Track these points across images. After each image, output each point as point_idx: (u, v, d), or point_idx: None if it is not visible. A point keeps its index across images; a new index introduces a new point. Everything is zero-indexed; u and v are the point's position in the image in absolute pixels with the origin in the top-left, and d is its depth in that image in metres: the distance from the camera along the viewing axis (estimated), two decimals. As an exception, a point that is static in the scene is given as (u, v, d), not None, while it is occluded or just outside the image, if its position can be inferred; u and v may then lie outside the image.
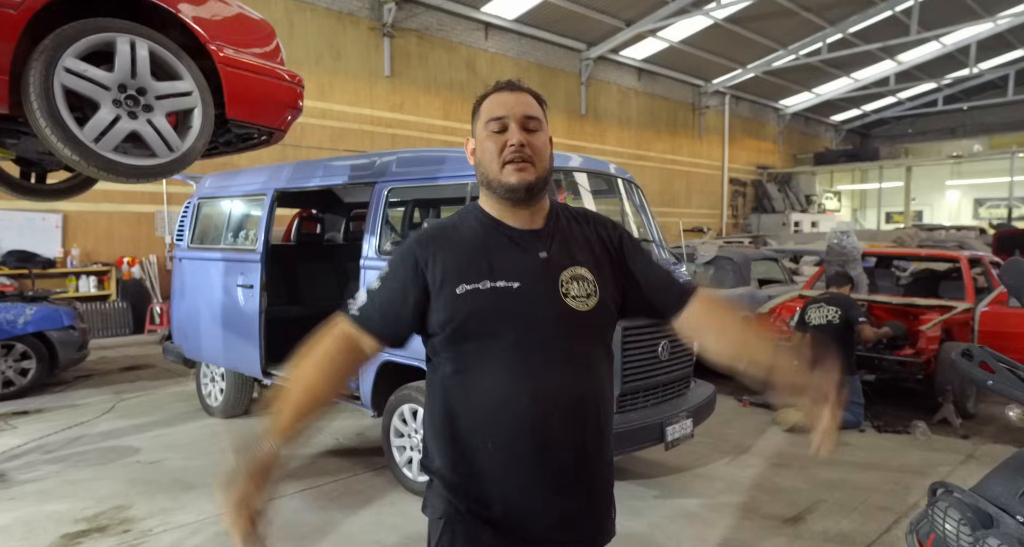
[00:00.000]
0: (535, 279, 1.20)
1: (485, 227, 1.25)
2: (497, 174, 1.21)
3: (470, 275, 1.19)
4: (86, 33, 2.20)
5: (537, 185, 1.22)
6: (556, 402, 1.18)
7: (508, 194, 1.21)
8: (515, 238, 1.24)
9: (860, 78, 19.51)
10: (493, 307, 1.17)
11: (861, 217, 25.48)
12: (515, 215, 1.25)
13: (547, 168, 1.24)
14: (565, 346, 1.20)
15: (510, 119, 1.21)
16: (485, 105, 1.25)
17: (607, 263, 1.29)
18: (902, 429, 4.56)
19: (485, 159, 1.23)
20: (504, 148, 1.20)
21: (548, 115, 1.30)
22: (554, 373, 1.19)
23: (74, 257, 8.47)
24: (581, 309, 1.21)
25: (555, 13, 12.98)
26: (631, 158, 16.26)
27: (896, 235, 12.55)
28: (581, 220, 1.33)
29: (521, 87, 1.26)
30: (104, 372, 6.48)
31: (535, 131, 1.23)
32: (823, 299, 4.92)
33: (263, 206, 4.39)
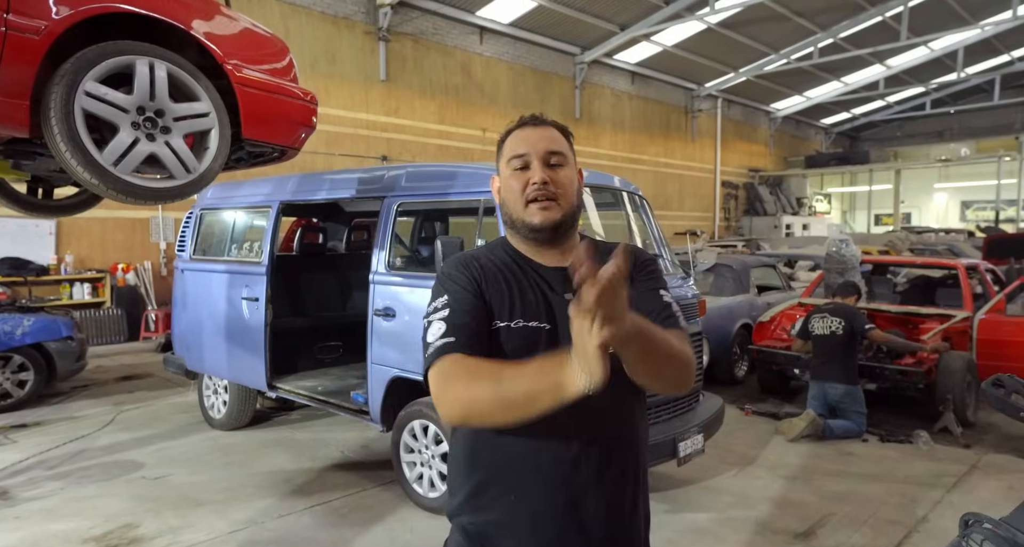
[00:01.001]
0: (564, 320, 1.05)
1: (515, 262, 1.21)
2: (521, 213, 1.17)
3: (503, 310, 1.15)
4: (106, 56, 2.18)
5: (564, 223, 1.17)
6: (588, 452, 1.12)
7: (533, 234, 1.17)
8: (545, 276, 1.19)
9: (850, 82, 19.74)
10: (523, 347, 1.12)
11: (851, 219, 25.75)
12: (543, 254, 1.21)
13: (574, 204, 1.19)
14: (597, 395, 1.13)
15: (532, 156, 1.17)
16: (508, 142, 1.22)
17: (646, 299, 1.23)
18: (904, 438, 4.61)
19: (509, 198, 1.19)
20: (527, 186, 1.16)
21: None
22: (585, 420, 1.11)
23: (68, 264, 8.37)
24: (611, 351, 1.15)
25: (550, 17, 13.01)
26: (625, 161, 16.33)
27: (887, 239, 12.73)
28: (607, 253, 1.28)
29: (544, 121, 1.22)
30: (102, 382, 6.41)
31: (559, 166, 1.18)
32: (827, 309, 4.96)
33: (268, 218, 4.36)
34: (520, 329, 1.13)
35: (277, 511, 3.41)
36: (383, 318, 3.60)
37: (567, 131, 1.24)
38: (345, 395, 4.01)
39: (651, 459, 3.17)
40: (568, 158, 1.20)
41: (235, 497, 3.59)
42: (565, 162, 1.19)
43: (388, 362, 3.55)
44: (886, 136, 25.56)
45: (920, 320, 5.35)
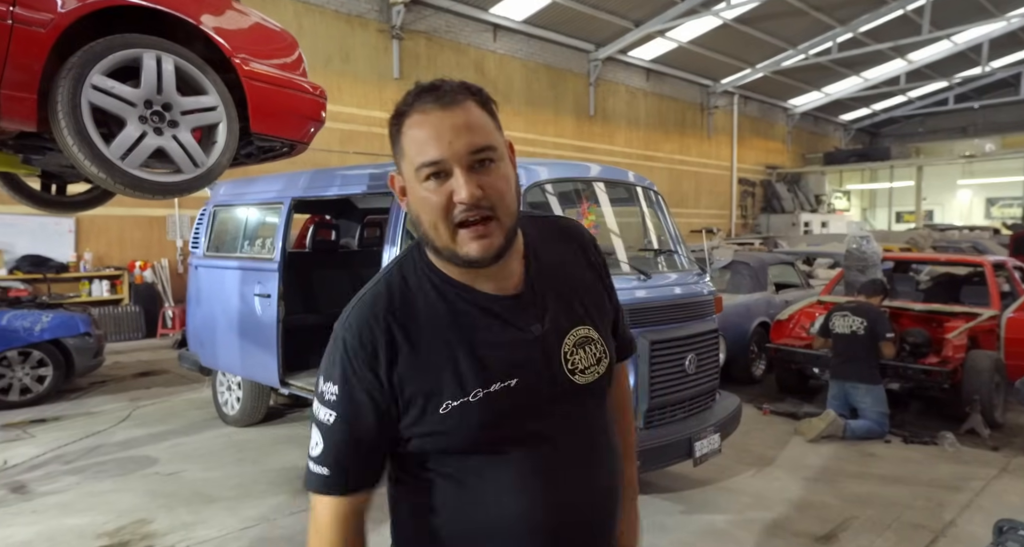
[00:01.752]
0: (537, 366, 0.90)
1: (447, 298, 0.90)
2: (447, 241, 0.85)
3: (453, 383, 0.87)
4: (113, 50, 2.17)
5: (508, 243, 0.87)
6: (578, 508, 0.94)
7: (469, 266, 0.88)
8: (494, 310, 0.90)
9: (870, 77, 19.37)
10: (490, 421, 0.87)
11: (871, 217, 25.32)
12: (483, 275, 0.90)
13: (515, 211, 0.88)
14: (582, 436, 0.95)
15: (450, 162, 0.83)
16: (408, 132, 0.86)
17: (602, 298, 1.04)
18: (929, 440, 4.48)
19: (427, 220, 0.86)
20: (450, 204, 0.83)
21: (555, 116, 0.95)
22: (573, 475, 0.93)
23: (87, 261, 8.47)
24: (591, 380, 0.95)
25: (564, 14, 12.91)
26: (640, 159, 16.19)
27: (909, 236, 12.47)
28: (558, 238, 1.02)
29: (454, 93, 0.85)
30: (119, 378, 6.47)
31: (490, 163, 0.85)
32: (850, 308, 4.85)
33: (280, 214, 4.35)
34: (481, 401, 0.86)
35: (289, 508, 3.39)
36: (394, 315, 3.56)
37: (488, 99, 0.90)
38: (357, 392, 3.97)
39: (666, 459, 3.14)
40: (499, 148, 0.87)
41: (247, 494, 3.58)
42: (496, 155, 0.86)
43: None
44: (907, 132, 25.09)
45: (945, 319, 5.21)
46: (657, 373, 3.10)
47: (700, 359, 3.34)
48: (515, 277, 0.93)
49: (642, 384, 3.05)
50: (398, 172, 0.91)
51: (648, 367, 3.06)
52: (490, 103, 0.90)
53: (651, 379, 3.08)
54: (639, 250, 3.77)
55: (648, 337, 3.07)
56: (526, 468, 0.90)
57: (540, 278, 0.95)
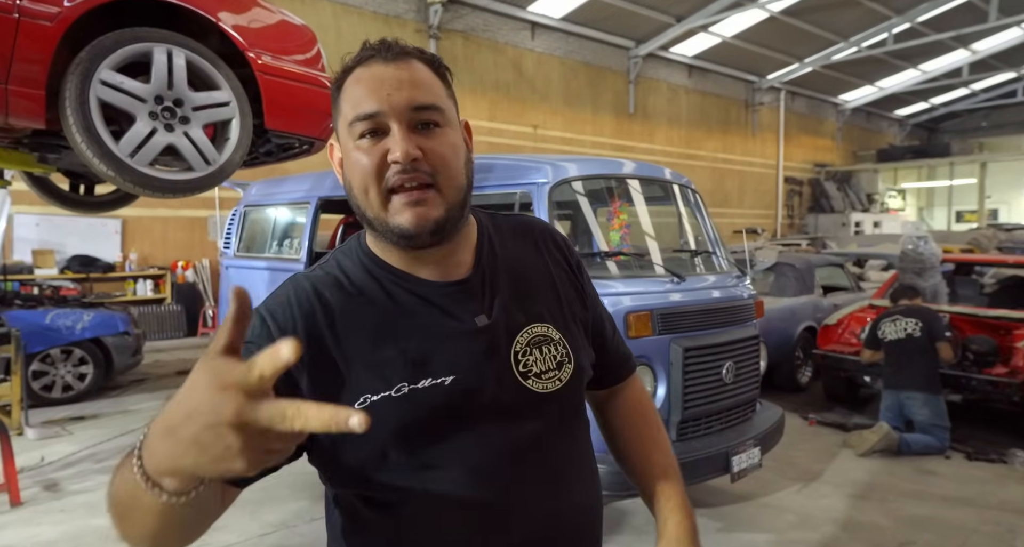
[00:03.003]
0: (477, 363, 0.77)
1: (383, 286, 0.78)
2: (377, 210, 0.74)
3: (374, 376, 0.73)
4: (122, 44, 2.12)
5: (449, 220, 0.76)
6: (531, 536, 0.78)
7: (402, 242, 0.75)
8: (433, 299, 0.78)
9: (929, 70, 18.40)
10: (418, 423, 0.73)
11: (928, 216, 24.10)
12: (424, 261, 0.79)
13: (462, 187, 0.77)
14: (535, 452, 0.79)
15: (388, 117, 0.73)
16: (346, 89, 0.76)
17: (574, 299, 0.89)
18: (997, 458, 4.12)
19: (357, 185, 0.75)
20: (382, 166, 0.73)
21: (594, 114, 0.81)
22: (524, 497, 0.78)
23: (132, 261, 8.73)
24: (551, 389, 0.80)
25: (603, 10, 12.68)
26: (681, 157, 15.79)
27: (972, 236, 11.73)
28: (525, 237, 0.90)
29: (405, 51, 0.76)
30: (158, 376, 6.59)
31: (434, 127, 0.75)
32: (899, 311, 4.51)
33: (307, 214, 4.32)
34: (406, 397, 0.73)
35: (310, 514, 3.33)
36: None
37: (441, 64, 0.80)
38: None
39: (700, 474, 2.93)
40: (447, 113, 0.77)
41: (270, 498, 3.53)
42: (443, 119, 0.76)
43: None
44: (969, 127, 23.76)
45: (1013, 325, 4.79)
46: (691, 382, 2.90)
47: (738, 367, 3.11)
48: (462, 267, 0.82)
49: (675, 394, 2.86)
50: (335, 139, 0.80)
51: (681, 375, 2.86)
52: (443, 69, 0.80)
53: (684, 388, 2.88)
54: (674, 251, 3.57)
55: (682, 344, 2.87)
56: (462, 488, 0.75)
57: (492, 269, 0.84)
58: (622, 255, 3.13)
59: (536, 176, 3.08)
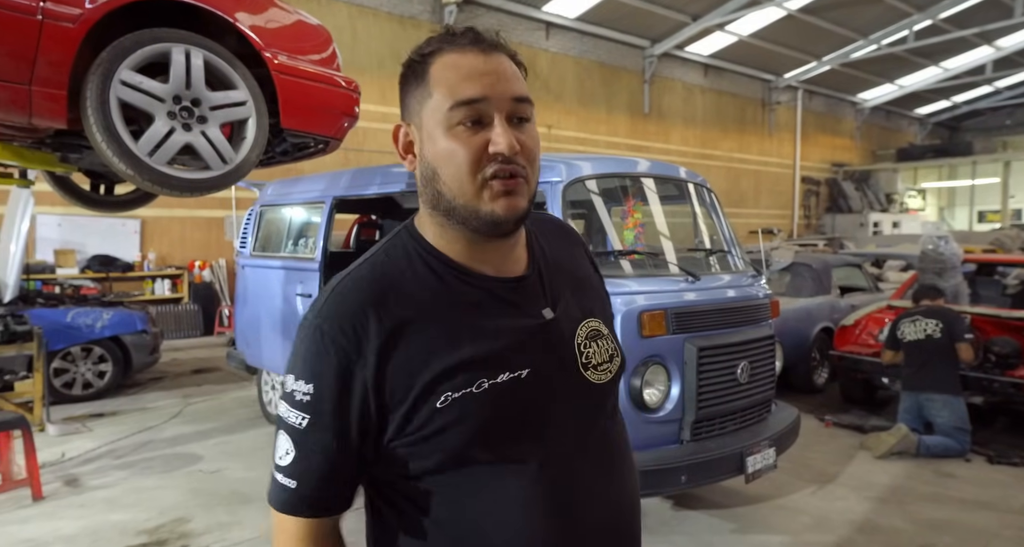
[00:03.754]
0: (548, 356, 0.79)
1: (447, 281, 0.78)
2: (471, 197, 0.74)
3: (452, 374, 0.73)
4: (142, 44, 2.16)
5: (528, 212, 0.78)
6: (600, 531, 0.81)
7: (487, 228, 0.76)
8: (500, 294, 0.79)
9: (951, 67, 18.08)
10: (498, 415, 0.74)
11: (949, 216, 23.70)
12: (488, 255, 0.79)
13: (537, 179, 0.80)
14: (599, 443, 0.83)
15: (492, 105, 0.73)
16: (438, 73, 0.75)
17: (605, 297, 0.95)
18: (1019, 461, 4.03)
19: (449, 173, 0.75)
20: (483, 157, 0.73)
21: (608, 114, 0.88)
22: (590, 485, 0.81)
23: (150, 261, 8.85)
24: (605, 380, 0.84)
25: (618, 10, 12.64)
26: (696, 157, 15.68)
27: (995, 236, 11.52)
28: (558, 235, 0.94)
29: (496, 43, 0.78)
30: (175, 375, 6.68)
31: (526, 122, 0.77)
32: (919, 311, 4.45)
33: (322, 214, 4.35)
34: (487, 393, 0.73)
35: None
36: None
37: (521, 61, 0.81)
38: (394, 394, 3.92)
39: (714, 475, 2.91)
40: (532, 107, 0.79)
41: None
42: (531, 114, 0.78)
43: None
44: (993, 125, 23.32)
45: (1036, 327, 4.70)
46: (705, 382, 2.88)
47: (753, 367, 3.08)
48: (520, 263, 0.83)
49: (689, 393, 2.84)
50: (408, 123, 0.79)
51: (696, 375, 2.84)
52: (523, 66, 0.81)
53: (699, 388, 2.85)
54: (688, 250, 3.55)
55: (696, 343, 2.85)
56: (539, 489, 0.76)
57: (545, 265, 0.86)
58: (636, 254, 3.11)
59: (550, 175, 3.07)
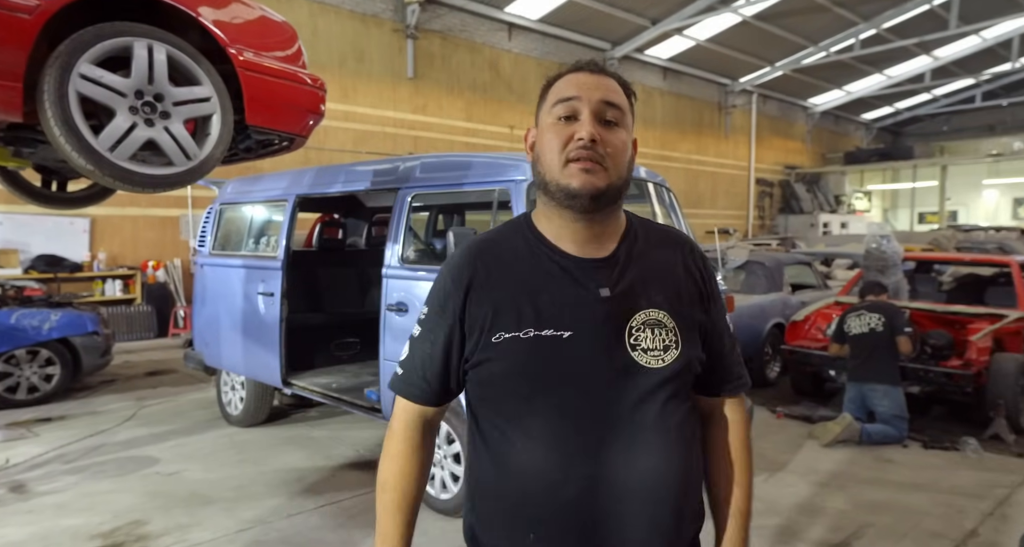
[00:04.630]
0: (593, 326, 0.95)
1: (534, 252, 1.00)
2: (557, 173, 0.95)
3: (510, 318, 0.95)
4: (102, 38, 2.12)
5: (608, 194, 0.95)
6: (618, 491, 0.93)
7: (568, 201, 0.95)
8: (570, 269, 0.98)
9: (894, 75, 18.96)
10: (535, 363, 0.94)
11: (892, 217, 24.82)
12: (575, 236, 0.99)
13: (623, 176, 0.98)
14: (631, 415, 0.94)
15: (583, 102, 0.95)
16: (555, 86, 1.00)
17: (696, 304, 1.03)
18: (950, 445, 4.31)
19: (544, 154, 0.97)
20: (569, 141, 0.94)
21: None
22: (615, 452, 0.94)
23: (101, 261, 8.55)
24: (654, 366, 0.95)
25: (579, 12, 12.81)
26: (656, 159, 16.02)
27: (932, 237, 12.14)
28: (666, 242, 1.07)
29: (605, 70, 1.01)
30: (127, 377, 6.49)
31: (614, 125, 0.96)
32: (864, 306, 4.69)
33: (284, 212, 4.31)
34: (531, 340, 0.94)
35: (286, 510, 3.34)
36: (396, 313, 3.50)
37: (630, 88, 1.02)
38: (359, 392, 3.92)
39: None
40: (626, 118, 0.99)
41: (246, 495, 3.53)
42: (622, 122, 0.97)
43: (400, 358, 3.45)
44: (931, 131, 24.54)
45: (968, 320, 5.02)
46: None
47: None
48: (604, 249, 1.01)
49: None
50: (535, 125, 1.03)
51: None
52: (631, 91, 1.03)
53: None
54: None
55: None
56: (564, 437, 0.94)
57: (628, 257, 1.02)
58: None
59: (514, 174, 3.14)
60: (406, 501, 1.05)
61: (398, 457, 1.05)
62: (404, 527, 1.05)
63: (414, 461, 1.06)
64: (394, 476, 1.05)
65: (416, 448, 1.06)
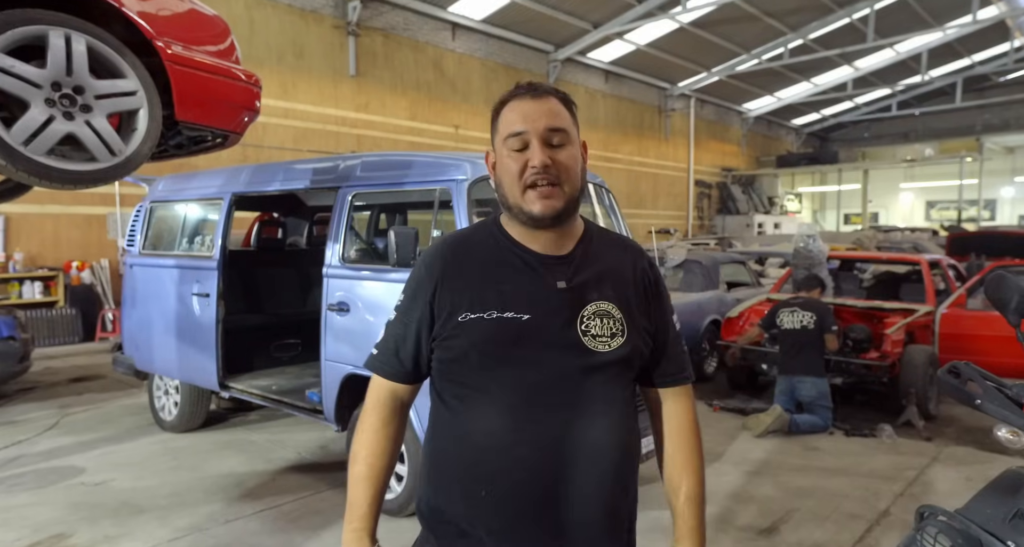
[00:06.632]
0: (549, 311, 1.07)
1: (500, 247, 1.13)
2: (518, 200, 1.08)
3: (475, 301, 1.08)
4: (12, 25, 2.00)
5: (567, 209, 1.09)
6: (564, 454, 1.05)
7: (532, 222, 1.08)
8: (532, 263, 1.11)
9: (820, 83, 20.03)
10: (496, 340, 1.06)
11: (821, 218, 26.17)
12: (537, 238, 1.12)
13: (578, 187, 1.10)
14: (578, 390, 1.07)
15: (531, 135, 1.06)
16: (504, 115, 1.11)
17: (641, 302, 1.15)
18: (869, 432, 4.61)
19: (505, 181, 1.09)
20: (525, 169, 1.06)
21: None
22: (562, 420, 1.06)
23: (17, 262, 8.02)
24: (601, 349, 1.08)
25: (522, 14, 12.92)
26: (599, 159, 16.32)
27: (856, 237, 12.89)
28: (619, 247, 1.20)
29: (545, 90, 1.10)
30: (49, 384, 6.12)
31: (561, 146, 1.08)
32: (798, 303, 4.95)
33: (220, 211, 4.18)
34: (493, 321, 1.06)
35: (224, 516, 3.24)
36: (337, 313, 3.46)
37: (570, 101, 1.13)
38: (300, 394, 3.85)
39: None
40: (571, 135, 1.10)
41: (181, 503, 3.41)
42: (568, 140, 1.09)
43: (342, 359, 3.41)
44: (854, 137, 26.04)
45: (884, 314, 5.37)
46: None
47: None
48: (563, 250, 1.13)
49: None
50: (493, 149, 1.14)
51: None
52: (571, 105, 1.13)
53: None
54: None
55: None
56: (518, 405, 1.05)
57: (584, 256, 1.13)
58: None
59: (455, 173, 3.15)
60: (374, 472, 1.12)
61: (368, 430, 1.14)
62: (372, 497, 1.12)
63: (383, 434, 1.14)
64: (364, 448, 1.13)
65: (386, 422, 1.14)
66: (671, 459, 1.19)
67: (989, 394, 1.45)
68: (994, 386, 1.48)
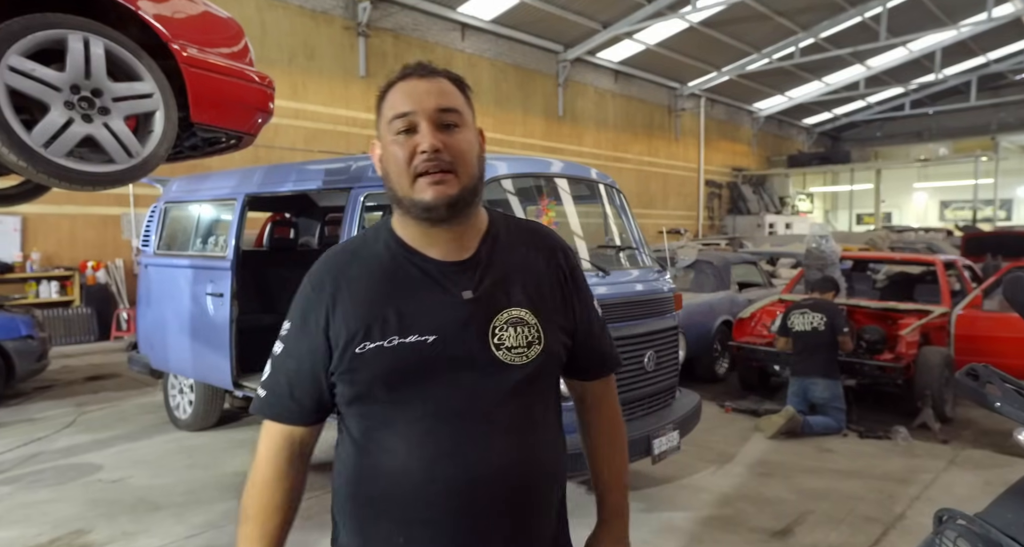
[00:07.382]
0: (457, 329, 0.95)
1: (395, 258, 0.99)
2: (408, 191, 0.94)
3: (373, 328, 0.94)
4: (32, 29, 2.04)
5: (463, 198, 0.94)
6: (485, 483, 0.94)
7: (424, 214, 0.94)
8: (432, 273, 0.97)
9: (831, 82, 19.87)
10: (400, 370, 0.93)
11: (833, 218, 25.96)
12: (435, 240, 0.98)
13: (475, 175, 0.97)
14: (497, 411, 0.96)
15: (419, 116, 0.93)
16: (388, 98, 0.97)
17: (557, 298, 1.05)
18: (883, 434, 4.56)
19: (392, 171, 0.95)
20: (414, 155, 0.93)
21: (524, 116, 1.07)
22: (482, 447, 0.94)
23: (34, 261, 8.13)
24: (518, 363, 0.96)
25: (532, 14, 12.92)
26: (609, 160, 16.29)
27: (868, 237, 12.77)
28: (529, 240, 1.07)
29: (435, 71, 0.98)
30: (66, 382, 6.20)
31: (455, 127, 0.95)
32: (808, 305, 4.91)
33: (233, 211, 4.21)
34: (395, 348, 0.93)
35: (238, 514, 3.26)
36: (349, 313, 3.47)
37: (463, 82, 1.01)
38: (312, 394, 3.87)
39: (624, 457, 3.11)
40: (465, 117, 0.97)
41: (196, 500, 3.44)
42: (462, 121, 0.96)
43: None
44: (866, 136, 25.81)
45: (899, 315, 5.32)
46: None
47: (659, 356, 3.32)
48: (466, 251, 1.00)
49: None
50: (378, 138, 1.00)
51: (606, 364, 3.02)
52: (464, 87, 1.01)
53: (609, 376, 3.04)
54: (599, 247, 3.75)
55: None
56: (431, 435, 0.94)
57: (490, 257, 1.01)
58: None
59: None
60: (266, 532, 0.98)
61: (260, 484, 0.98)
62: None
63: (278, 488, 0.98)
64: (255, 506, 0.98)
65: (282, 475, 0.99)
66: (596, 451, 1.16)
67: (1008, 397, 1.43)
68: (1014, 389, 1.46)
